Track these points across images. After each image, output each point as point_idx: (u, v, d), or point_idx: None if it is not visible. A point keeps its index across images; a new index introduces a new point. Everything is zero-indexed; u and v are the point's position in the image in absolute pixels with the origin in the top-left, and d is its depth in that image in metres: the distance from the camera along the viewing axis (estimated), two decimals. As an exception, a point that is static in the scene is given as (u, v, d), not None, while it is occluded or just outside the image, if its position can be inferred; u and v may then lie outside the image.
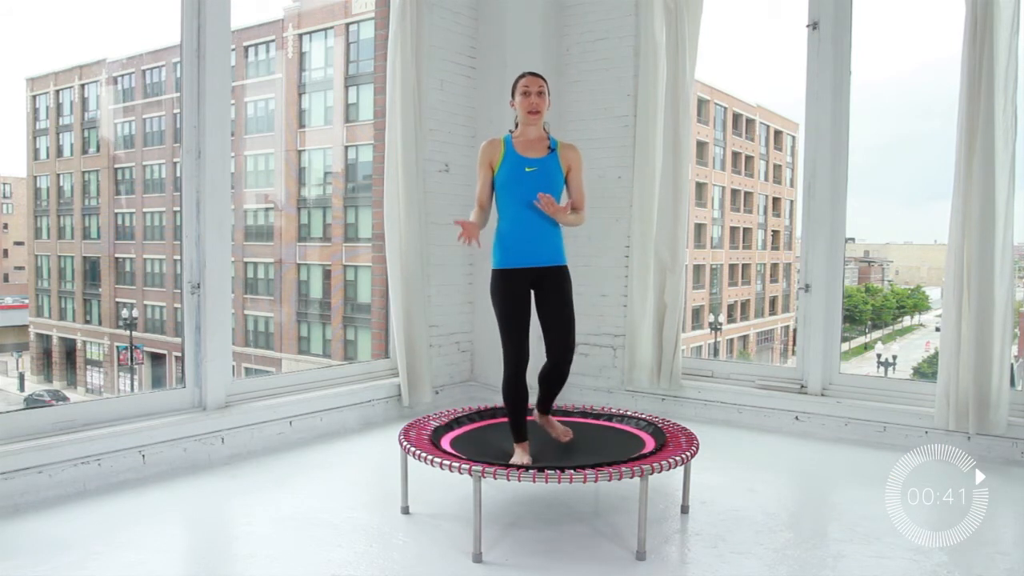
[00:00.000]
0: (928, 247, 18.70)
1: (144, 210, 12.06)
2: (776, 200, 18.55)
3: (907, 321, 19.12)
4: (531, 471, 2.59)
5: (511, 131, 3.09)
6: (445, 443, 3.05)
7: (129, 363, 11.79)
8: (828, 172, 4.28)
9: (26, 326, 12.32)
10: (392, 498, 3.05)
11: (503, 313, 2.96)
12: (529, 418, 3.05)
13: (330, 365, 9.61)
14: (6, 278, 12.35)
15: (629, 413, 3.46)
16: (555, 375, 3.06)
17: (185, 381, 3.67)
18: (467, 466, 2.60)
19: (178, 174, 3.89)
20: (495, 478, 2.60)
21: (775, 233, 18.64)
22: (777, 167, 18.64)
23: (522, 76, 3.04)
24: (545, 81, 3.04)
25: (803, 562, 2.59)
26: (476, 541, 2.56)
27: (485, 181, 3.03)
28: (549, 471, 2.58)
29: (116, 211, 12.24)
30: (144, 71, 12.17)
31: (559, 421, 3.26)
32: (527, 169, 2.96)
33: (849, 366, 14.62)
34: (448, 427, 3.26)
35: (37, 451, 3.02)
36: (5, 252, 12.35)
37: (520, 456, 2.92)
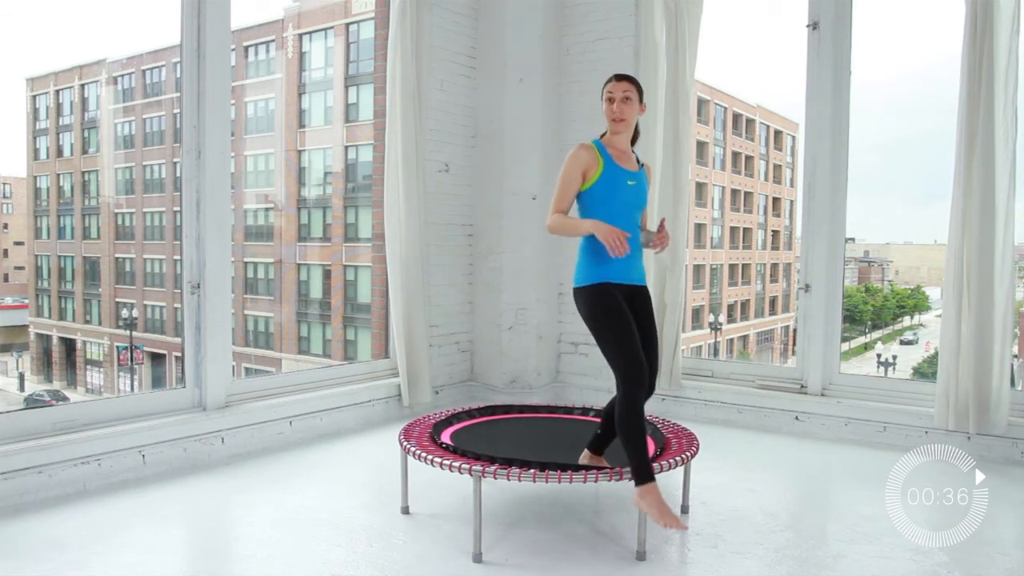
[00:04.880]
0: (928, 247, 18.70)
1: (144, 210, 12.06)
2: (776, 200, 18.55)
3: (907, 321, 19.12)
4: (531, 471, 2.58)
5: (600, 136, 2.82)
6: (445, 436, 3.05)
7: (129, 363, 11.79)
8: (828, 172, 4.28)
9: (26, 326, 12.31)
10: (392, 498, 3.05)
11: (614, 325, 2.63)
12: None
13: (330, 365, 9.61)
14: (6, 278, 12.34)
15: (629, 413, 3.45)
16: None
17: (185, 381, 3.67)
18: (467, 466, 2.60)
19: (178, 174, 3.89)
20: (495, 478, 2.59)
21: (775, 233, 18.64)
22: (777, 167, 18.64)
23: (609, 80, 2.78)
24: (634, 84, 2.76)
25: (803, 562, 2.59)
26: (476, 541, 2.56)
27: (574, 190, 2.72)
28: (549, 471, 2.58)
29: (116, 211, 12.23)
30: (144, 71, 12.16)
31: (561, 419, 3.25)
32: (629, 183, 2.73)
33: (849, 366, 14.62)
34: (447, 423, 3.26)
35: (37, 451, 3.02)
36: (5, 252, 12.34)
37: (659, 513, 2.47)
